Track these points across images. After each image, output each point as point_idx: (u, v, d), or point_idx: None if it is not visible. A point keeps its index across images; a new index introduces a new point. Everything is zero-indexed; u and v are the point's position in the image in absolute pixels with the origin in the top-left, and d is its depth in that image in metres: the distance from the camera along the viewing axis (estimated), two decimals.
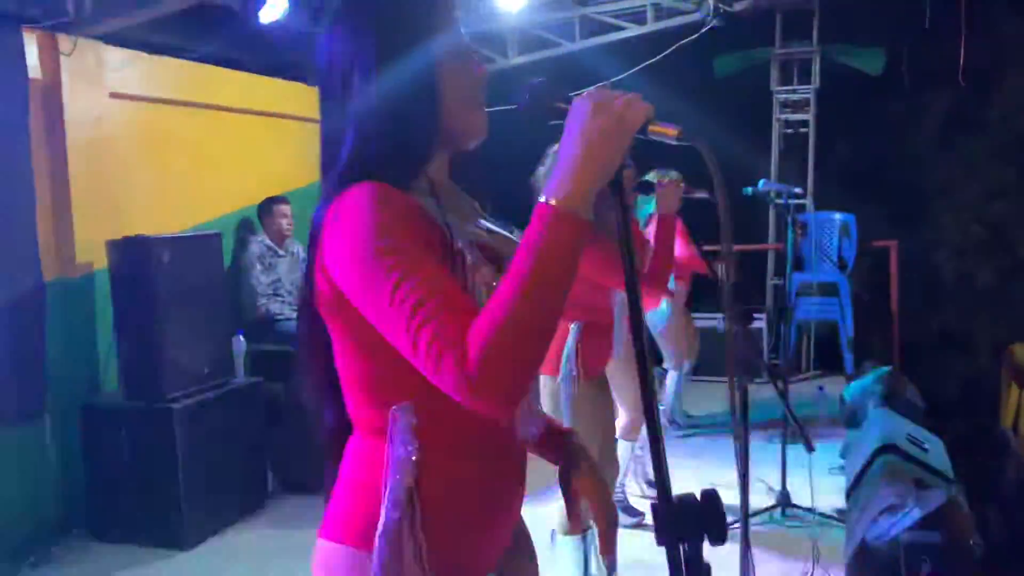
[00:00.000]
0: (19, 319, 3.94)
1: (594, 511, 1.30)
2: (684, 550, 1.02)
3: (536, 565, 1.43)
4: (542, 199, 1.04)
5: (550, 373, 2.77)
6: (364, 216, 1.10)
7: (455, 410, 1.12)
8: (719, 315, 6.36)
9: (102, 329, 4.35)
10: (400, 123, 1.19)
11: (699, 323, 5.82)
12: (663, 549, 1.02)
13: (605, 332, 2.86)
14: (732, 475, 2.78)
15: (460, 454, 1.20)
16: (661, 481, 1.02)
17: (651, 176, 3.80)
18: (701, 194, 3.48)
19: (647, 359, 1.07)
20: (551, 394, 2.78)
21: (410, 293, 1.03)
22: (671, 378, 5.35)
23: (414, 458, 1.14)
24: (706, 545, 1.03)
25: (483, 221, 1.32)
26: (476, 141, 1.29)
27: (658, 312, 4.99)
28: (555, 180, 1.05)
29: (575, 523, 2.97)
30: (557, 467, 1.37)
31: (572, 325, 2.74)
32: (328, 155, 1.24)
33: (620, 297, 2.87)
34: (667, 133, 1.06)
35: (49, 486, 4.12)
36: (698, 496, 1.02)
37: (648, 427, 1.03)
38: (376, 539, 1.13)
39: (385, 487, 1.14)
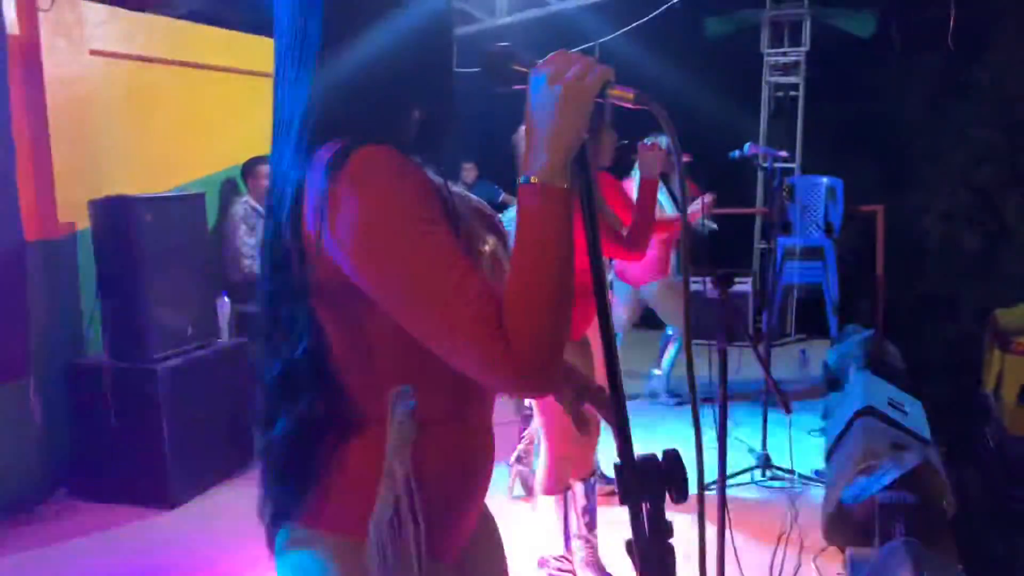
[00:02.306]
0: (1, 280, 3.92)
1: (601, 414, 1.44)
2: (647, 509, 1.03)
3: (499, 538, 1.43)
4: (521, 180, 1.06)
5: None
6: (376, 172, 1.06)
7: (445, 390, 1.15)
8: (704, 279, 6.38)
9: (86, 289, 4.34)
10: (371, 86, 1.15)
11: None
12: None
13: (588, 296, 2.85)
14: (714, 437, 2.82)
15: (450, 434, 1.20)
16: (624, 442, 1.03)
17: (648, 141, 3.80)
18: (686, 158, 3.48)
19: (609, 321, 1.08)
20: None
21: (437, 289, 1.02)
22: (672, 346, 5.38)
23: (412, 442, 1.13)
24: (685, 504, 1.06)
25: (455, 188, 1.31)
26: (444, 105, 1.25)
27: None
28: (529, 156, 1.07)
29: (556, 483, 3.02)
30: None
31: None
32: (286, 112, 1.19)
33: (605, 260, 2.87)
34: (625, 96, 1.07)
35: (34, 446, 4.13)
36: (660, 456, 1.03)
37: (611, 391, 1.04)
38: (372, 525, 1.12)
39: (380, 471, 1.13)
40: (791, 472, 4.13)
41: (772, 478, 4.18)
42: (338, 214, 1.06)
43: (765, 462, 4.22)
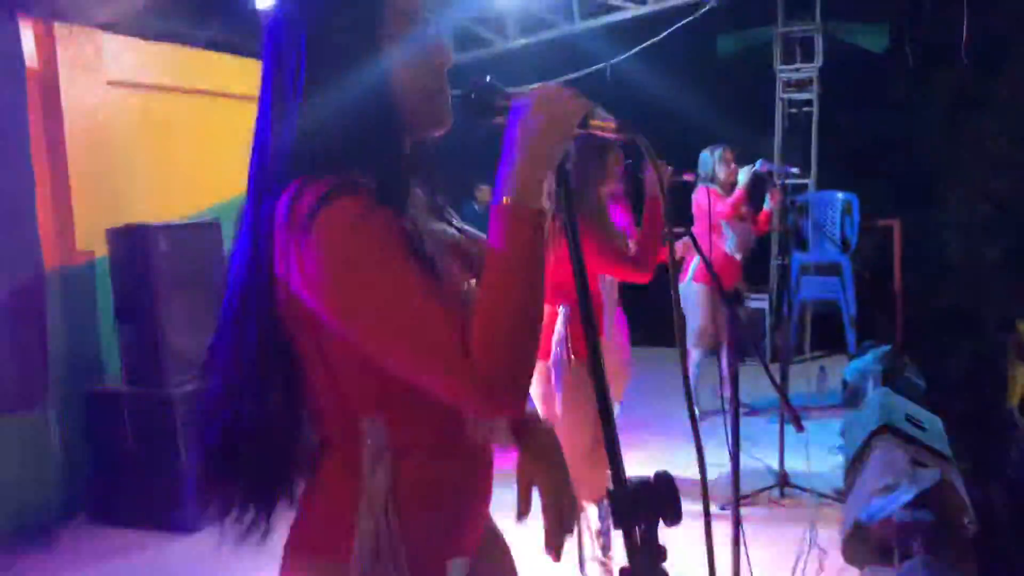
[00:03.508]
0: (21, 308, 3.97)
1: (542, 501, 1.28)
2: (641, 533, 1.03)
3: (511, 559, 1.42)
4: (495, 200, 1.07)
5: (541, 358, 2.78)
6: (341, 231, 1.06)
7: (425, 414, 1.15)
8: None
9: (104, 317, 4.39)
10: (350, 117, 1.15)
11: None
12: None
13: (595, 314, 2.87)
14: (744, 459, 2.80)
15: (431, 457, 1.19)
16: (615, 465, 1.03)
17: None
18: (688, 177, 3.49)
19: (597, 344, 1.09)
20: (543, 378, 2.80)
21: (399, 312, 1.04)
22: (692, 359, 5.34)
23: (389, 466, 1.14)
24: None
25: (446, 218, 1.30)
26: (437, 131, 1.24)
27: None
28: (504, 178, 1.08)
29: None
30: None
31: (560, 309, 2.75)
32: (263, 139, 1.20)
33: (608, 279, 2.88)
34: (607, 126, 1.09)
35: (53, 472, 4.17)
36: (652, 478, 1.03)
37: (600, 411, 1.05)
38: (354, 548, 1.13)
39: (359, 496, 1.14)
40: (809, 491, 4.09)
41: (790, 497, 4.14)
42: (302, 254, 1.07)
43: (782, 481, 4.19)
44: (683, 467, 1.05)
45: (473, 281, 1.19)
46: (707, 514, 1.12)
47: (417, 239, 1.11)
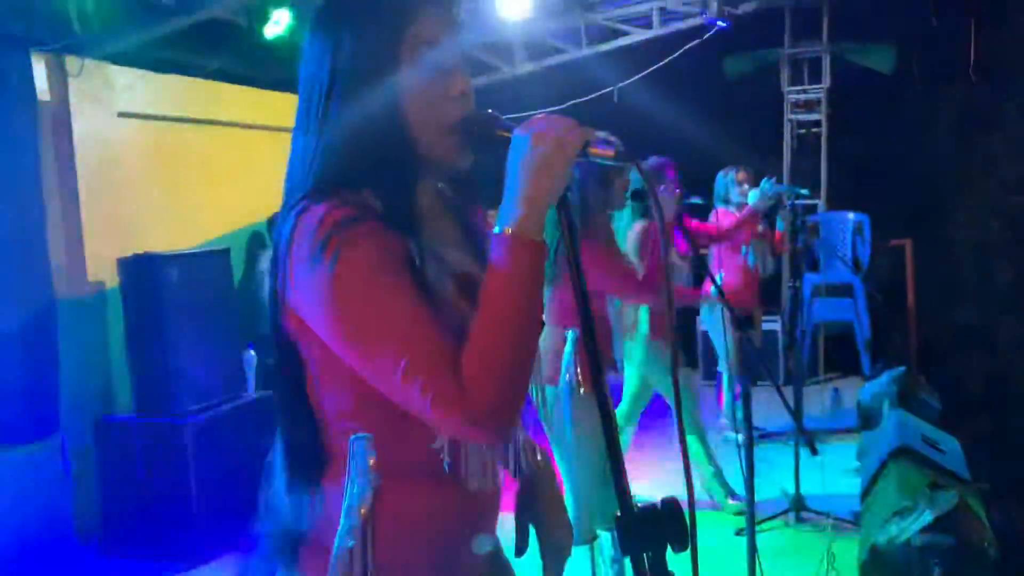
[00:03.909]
0: (33, 338, 3.99)
1: (539, 537, 1.28)
2: (648, 559, 1.01)
3: None
4: (496, 229, 1.08)
5: (550, 383, 2.76)
6: (331, 251, 1.07)
7: (415, 445, 1.15)
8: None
9: (115, 346, 4.40)
10: (363, 138, 1.17)
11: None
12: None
13: (602, 338, 2.85)
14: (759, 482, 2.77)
15: (420, 485, 1.19)
16: (621, 492, 1.02)
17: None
18: (695, 199, 3.49)
19: (601, 369, 1.08)
20: (552, 404, 2.77)
21: (392, 341, 1.05)
22: (725, 382, 5.31)
23: (371, 487, 1.14)
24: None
25: (473, 240, 1.31)
26: (455, 167, 1.24)
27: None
28: (506, 209, 1.09)
29: (581, 533, 2.97)
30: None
31: (569, 333, 2.74)
32: (295, 166, 1.22)
33: (617, 303, 2.87)
34: (607, 155, 1.10)
35: (65, 501, 4.17)
36: (658, 504, 1.01)
37: (606, 437, 1.03)
38: (328, 567, 1.14)
39: (341, 516, 1.15)
40: (825, 515, 4.03)
41: (806, 521, 4.08)
42: (297, 265, 1.10)
43: (798, 505, 4.13)
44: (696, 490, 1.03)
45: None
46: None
47: (419, 266, 1.11)
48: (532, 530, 1.36)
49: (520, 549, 1.29)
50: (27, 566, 3.93)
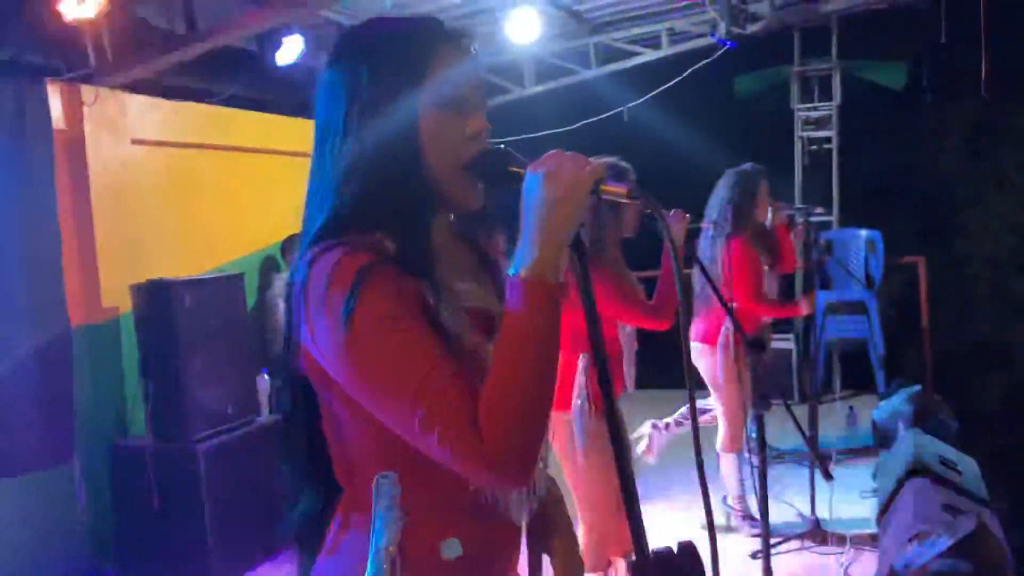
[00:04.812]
0: (48, 365, 4.01)
1: (553, 568, 1.27)
2: None
3: None
4: (512, 272, 1.08)
5: (562, 409, 2.75)
6: (345, 298, 1.07)
7: (441, 480, 1.13)
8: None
9: (129, 372, 4.42)
10: (379, 178, 1.16)
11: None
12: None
13: (615, 363, 2.85)
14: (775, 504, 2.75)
15: (445, 523, 1.18)
16: (637, 535, 1.01)
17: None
18: (707, 224, 3.49)
19: (610, 383, 1.08)
20: (564, 432, 2.76)
21: (408, 391, 1.05)
22: None
23: (398, 526, 1.13)
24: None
25: (490, 270, 1.31)
26: (469, 206, 1.24)
27: None
28: (521, 252, 1.08)
29: (597, 561, 2.95)
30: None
31: (580, 358, 2.74)
32: (312, 201, 1.22)
33: (628, 329, 2.87)
34: (619, 192, 1.09)
35: (79, 527, 4.17)
36: (675, 549, 1.01)
37: (619, 470, 1.03)
38: None
39: (368, 556, 1.13)
40: (842, 536, 4.00)
41: (823, 543, 4.04)
42: (313, 314, 1.10)
43: (815, 527, 4.10)
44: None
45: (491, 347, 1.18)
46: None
47: (434, 307, 1.11)
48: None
49: None
50: None
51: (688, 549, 1.00)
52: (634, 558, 1.02)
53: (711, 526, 1.04)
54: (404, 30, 1.22)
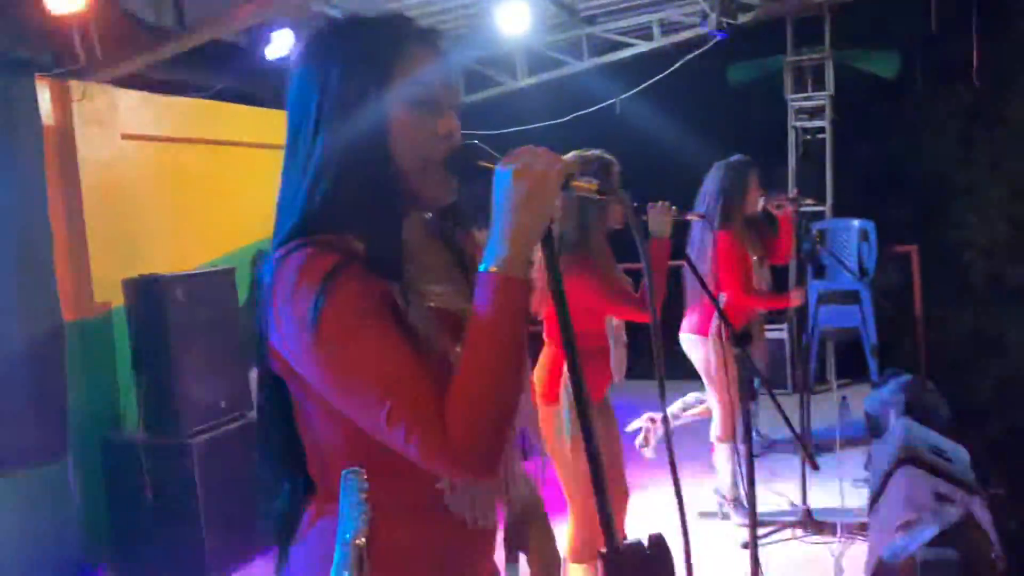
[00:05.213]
0: (40, 360, 4.01)
1: (530, 563, 1.29)
2: None
3: None
4: (482, 267, 1.08)
5: (550, 403, 2.76)
6: (312, 298, 1.07)
7: (411, 476, 1.14)
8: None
9: (121, 366, 4.42)
10: (349, 177, 1.16)
11: None
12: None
13: (601, 356, 2.85)
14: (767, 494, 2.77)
15: (414, 519, 1.19)
16: (607, 527, 1.02)
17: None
18: (693, 217, 3.50)
19: (584, 397, 1.09)
20: (551, 424, 2.77)
21: (374, 388, 1.06)
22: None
23: (365, 520, 1.14)
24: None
25: (463, 264, 1.31)
26: (440, 202, 1.25)
27: None
28: (491, 247, 1.08)
29: (586, 550, 2.96)
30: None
31: None
32: (284, 200, 1.22)
33: (614, 321, 2.87)
34: (589, 188, 1.10)
35: (73, 523, 4.18)
36: (645, 542, 1.02)
37: (589, 459, 1.04)
38: None
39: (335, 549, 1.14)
40: (832, 526, 4.01)
41: (812, 532, 4.06)
42: (281, 313, 1.11)
43: (805, 516, 4.11)
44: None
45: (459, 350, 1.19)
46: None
47: (403, 308, 1.12)
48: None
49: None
50: None
51: (658, 541, 1.01)
52: (603, 550, 1.03)
53: (683, 520, 1.05)
54: (374, 29, 1.22)
